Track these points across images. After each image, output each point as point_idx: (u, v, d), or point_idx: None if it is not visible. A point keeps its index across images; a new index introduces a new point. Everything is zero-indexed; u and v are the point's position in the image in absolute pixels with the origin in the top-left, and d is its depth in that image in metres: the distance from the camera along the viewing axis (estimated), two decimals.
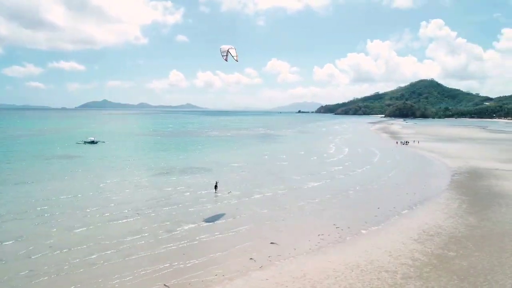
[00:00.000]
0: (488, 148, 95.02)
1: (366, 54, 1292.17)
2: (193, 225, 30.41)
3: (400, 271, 22.09)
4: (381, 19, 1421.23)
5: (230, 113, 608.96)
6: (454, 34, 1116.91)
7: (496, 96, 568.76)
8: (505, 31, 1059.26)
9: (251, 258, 24.18)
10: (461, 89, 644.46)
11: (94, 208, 34.78)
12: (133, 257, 23.96)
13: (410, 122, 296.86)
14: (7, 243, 25.93)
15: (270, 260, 24.03)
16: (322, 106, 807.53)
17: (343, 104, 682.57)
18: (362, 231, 30.37)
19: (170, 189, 43.48)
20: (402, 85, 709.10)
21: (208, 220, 31.97)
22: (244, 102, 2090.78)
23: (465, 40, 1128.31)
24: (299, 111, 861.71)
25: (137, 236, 27.61)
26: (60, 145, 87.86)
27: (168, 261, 23.25)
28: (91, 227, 29.63)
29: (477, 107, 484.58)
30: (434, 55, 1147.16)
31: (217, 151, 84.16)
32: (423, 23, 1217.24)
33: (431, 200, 40.36)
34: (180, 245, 26.24)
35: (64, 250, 24.67)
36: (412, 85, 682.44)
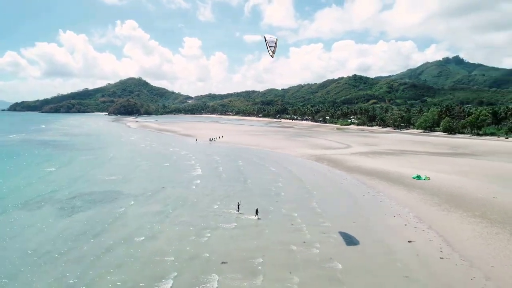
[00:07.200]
0: (280, 137, 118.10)
1: (60, 45, 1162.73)
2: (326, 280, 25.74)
3: (506, 232, 30.26)
4: (78, 9, 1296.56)
5: None
6: (147, 36, 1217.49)
7: (195, 95, 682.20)
8: (187, 39, 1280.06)
9: (441, 258, 25.58)
10: (166, 88, 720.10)
11: None
12: None
13: (150, 119, 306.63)
14: None
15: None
16: (17, 102, 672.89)
17: (47, 101, 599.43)
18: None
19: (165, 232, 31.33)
20: (112, 82, 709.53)
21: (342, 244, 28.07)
22: None
23: (157, 43, 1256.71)
24: None
25: None
26: None
27: None
28: None
29: (185, 104, 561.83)
30: (131, 54, 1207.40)
31: (72, 168, 60.32)
32: (118, 22, 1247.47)
33: (363, 182, 50.01)
34: None
35: None
36: (122, 82, 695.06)
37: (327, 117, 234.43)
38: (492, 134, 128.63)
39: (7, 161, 67.05)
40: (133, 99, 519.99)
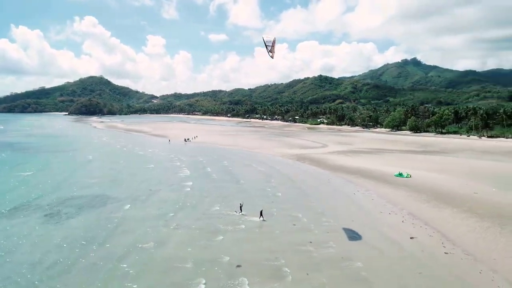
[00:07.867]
0: (255, 137, 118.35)
1: (12, 41, 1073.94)
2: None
3: (496, 225, 32.34)
4: (32, 2, 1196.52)
5: None
6: (108, 33, 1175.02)
7: (160, 95, 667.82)
8: (150, 37, 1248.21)
9: (445, 253, 26.97)
10: (129, 87, 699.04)
11: None
12: None
13: (115, 119, 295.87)
14: None
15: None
16: None
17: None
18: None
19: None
20: (71, 80, 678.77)
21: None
22: None
23: (119, 41, 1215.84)
24: None
25: None
26: None
27: None
28: None
29: (150, 104, 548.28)
30: (91, 52, 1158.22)
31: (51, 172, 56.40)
32: (77, 18, 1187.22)
33: (349, 181, 51.50)
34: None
35: None
36: (82, 81, 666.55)
37: (296, 117, 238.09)
38: (454, 132, 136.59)
39: None
40: (95, 98, 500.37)
